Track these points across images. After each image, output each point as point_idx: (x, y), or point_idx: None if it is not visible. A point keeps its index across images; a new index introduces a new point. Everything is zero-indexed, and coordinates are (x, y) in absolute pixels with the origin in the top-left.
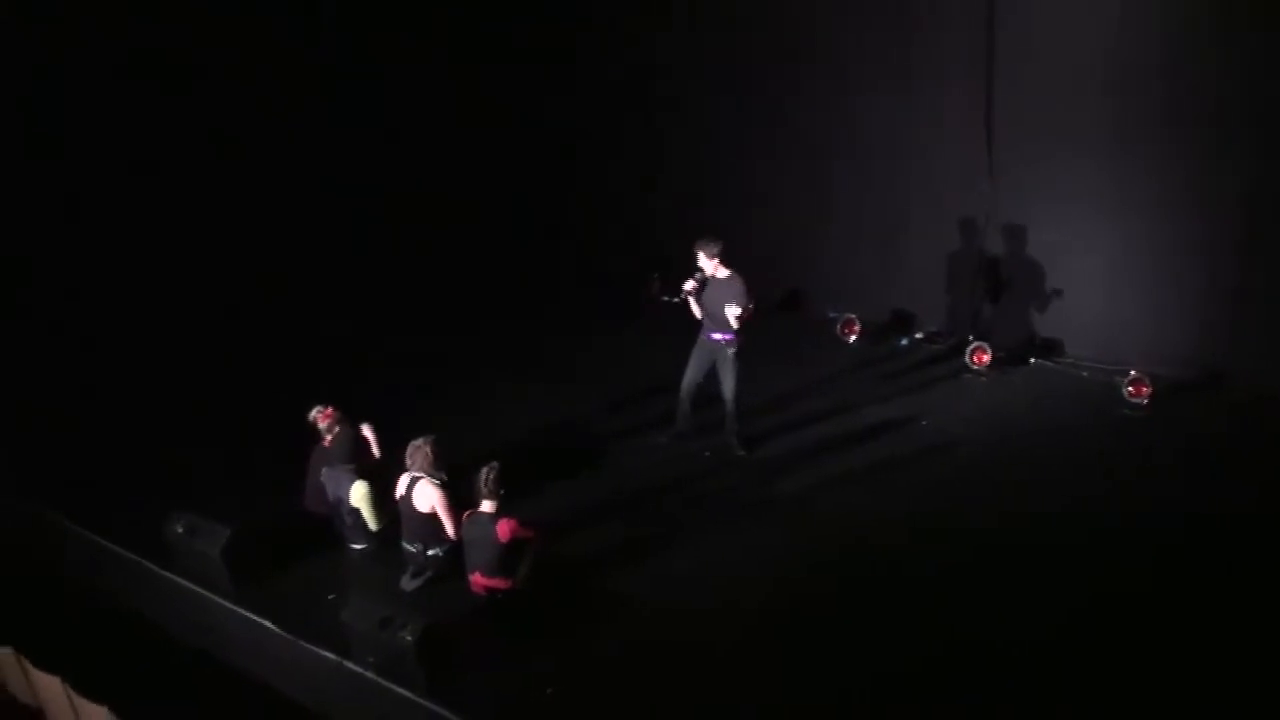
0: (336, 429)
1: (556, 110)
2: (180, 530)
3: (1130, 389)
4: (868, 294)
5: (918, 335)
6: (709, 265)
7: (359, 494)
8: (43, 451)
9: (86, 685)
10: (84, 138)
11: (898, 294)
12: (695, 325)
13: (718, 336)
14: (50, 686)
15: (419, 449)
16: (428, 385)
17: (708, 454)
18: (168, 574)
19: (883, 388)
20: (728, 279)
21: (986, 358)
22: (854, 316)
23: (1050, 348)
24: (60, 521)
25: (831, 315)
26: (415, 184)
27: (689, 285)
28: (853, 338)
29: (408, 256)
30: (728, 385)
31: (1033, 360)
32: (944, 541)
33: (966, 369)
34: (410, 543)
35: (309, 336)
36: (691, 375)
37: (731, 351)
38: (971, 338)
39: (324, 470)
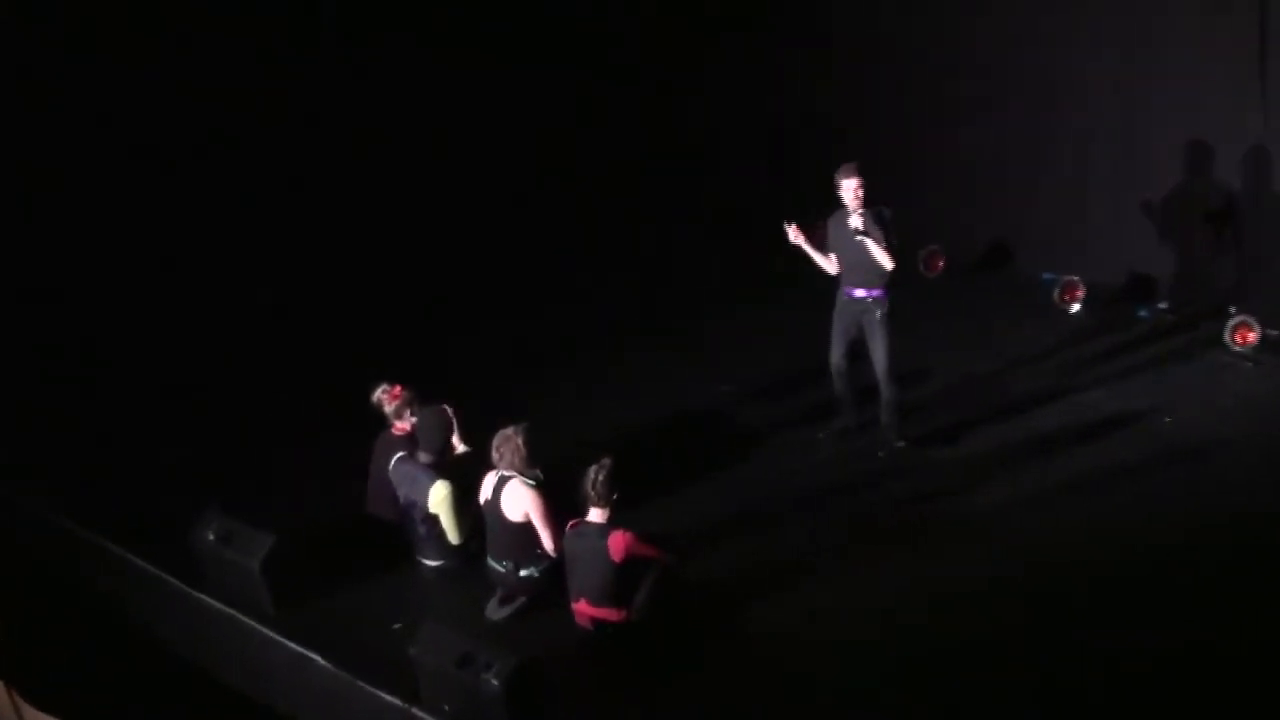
0: (408, 412)
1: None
2: (211, 537)
3: None
4: (1096, 251)
5: (1161, 305)
6: (852, 201)
7: (439, 497)
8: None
9: None
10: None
11: (1135, 253)
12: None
13: (861, 293)
14: None
15: (509, 440)
16: (520, 363)
17: (881, 454)
18: (195, 593)
19: (1112, 372)
20: (874, 213)
21: (1253, 336)
22: (1077, 279)
23: None
24: (70, 529)
25: (1047, 277)
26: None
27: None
28: (1075, 306)
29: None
30: (879, 356)
31: None
32: (1183, 575)
33: (1225, 350)
34: (498, 560)
35: (364, 311)
36: (838, 348)
37: (881, 311)
38: (1233, 310)
39: (393, 464)
